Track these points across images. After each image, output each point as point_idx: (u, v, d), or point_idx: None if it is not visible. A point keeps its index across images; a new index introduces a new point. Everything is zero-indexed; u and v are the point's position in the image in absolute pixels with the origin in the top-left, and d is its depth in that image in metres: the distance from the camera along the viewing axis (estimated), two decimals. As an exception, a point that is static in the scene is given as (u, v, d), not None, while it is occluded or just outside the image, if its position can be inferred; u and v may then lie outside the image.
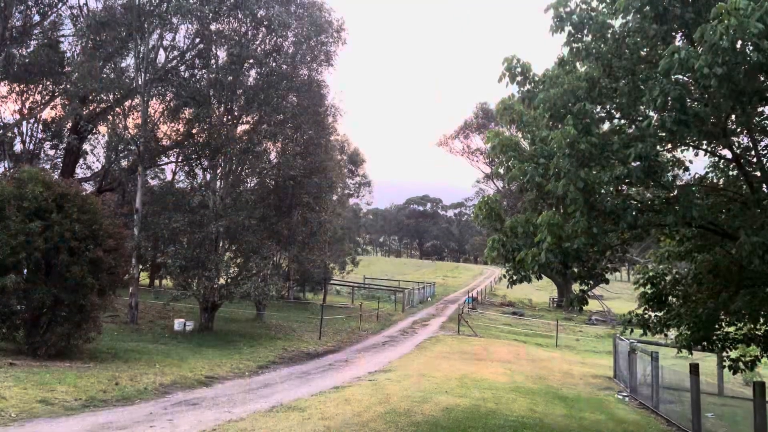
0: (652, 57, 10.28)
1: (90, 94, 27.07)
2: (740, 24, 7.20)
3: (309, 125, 30.00)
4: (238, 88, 27.61)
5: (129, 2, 26.52)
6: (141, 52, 26.36)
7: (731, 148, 10.73)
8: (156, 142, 28.15)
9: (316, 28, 28.41)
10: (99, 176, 32.60)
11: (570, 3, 10.37)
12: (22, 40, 27.95)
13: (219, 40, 27.35)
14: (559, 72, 10.91)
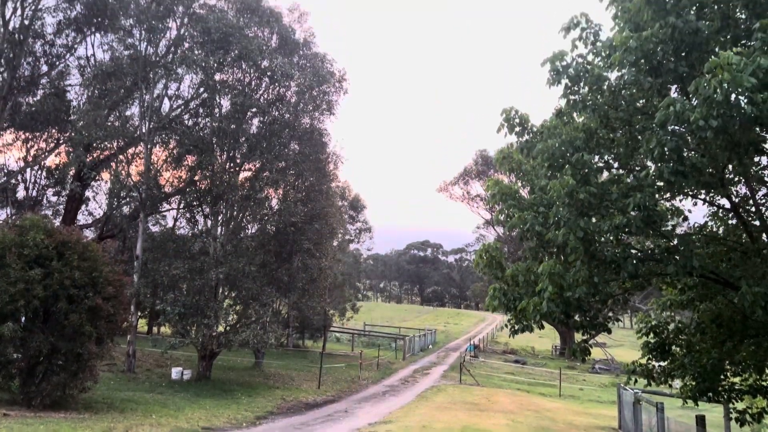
0: (648, 108, 10.46)
1: (94, 141, 27.41)
2: (734, 78, 7.36)
3: (310, 172, 30.25)
4: (241, 136, 27.94)
5: (135, 53, 27.12)
6: (146, 101, 26.81)
7: (729, 198, 10.81)
8: (158, 188, 28.32)
9: (318, 78, 28.93)
10: (100, 222, 32.68)
11: (566, 57, 10.61)
12: (29, 89, 28.44)
13: (223, 89, 27.83)
14: (556, 123, 11.09)
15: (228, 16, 27.09)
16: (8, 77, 26.18)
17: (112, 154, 28.63)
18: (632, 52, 9.33)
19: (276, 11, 29.44)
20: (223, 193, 26.63)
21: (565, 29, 11.29)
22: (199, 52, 26.57)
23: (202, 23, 26.20)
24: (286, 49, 29.12)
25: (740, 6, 9.77)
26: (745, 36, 9.29)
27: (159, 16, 26.59)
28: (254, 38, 27.29)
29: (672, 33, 9.03)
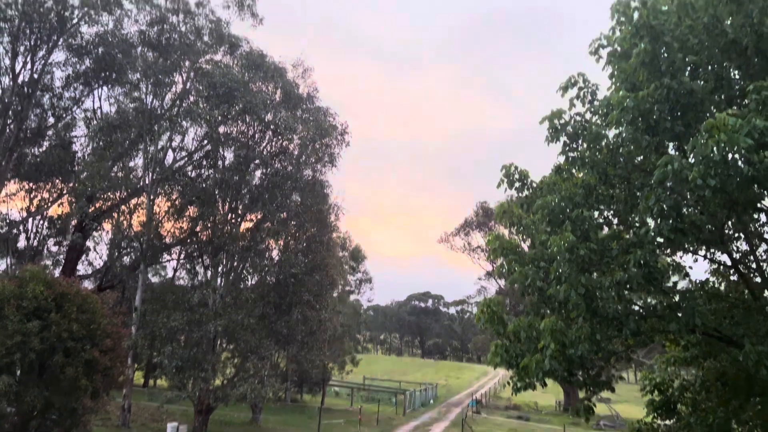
0: (646, 165, 10.58)
1: (98, 192, 27.63)
2: (730, 139, 7.48)
3: (312, 223, 30.34)
4: (244, 188, 28.18)
5: (141, 106, 27.63)
6: (150, 153, 27.17)
7: (730, 254, 10.82)
8: (159, 239, 28.38)
9: (321, 131, 29.36)
10: (100, 273, 32.60)
11: (564, 115, 10.81)
12: (35, 140, 28.86)
13: (227, 141, 28.22)
14: (555, 179, 11.20)
15: (233, 71, 27.70)
16: (15, 129, 26.60)
17: (114, 205, 28.82)
18: (629, 112, 9.51)
19: (280, 67, 30.13)
20: (224, 244, 26.66)
21: (563, 88, 11.56)
22: (204, 105, 27.07)
23: (207, 78, 26.77)
24: (290, 103, 29.67)
25: (733, 67, 10.02)
26: (740, 97, 9.49)
27: (166, 71, 27.20)
28: (258, 92, 27.84)
29: (667, 93, 9.23)
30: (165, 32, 27.43)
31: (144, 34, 27.70)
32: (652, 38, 9.70)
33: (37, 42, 26.57)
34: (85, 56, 28.11)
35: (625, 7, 10.50)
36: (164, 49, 27.26)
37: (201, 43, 28.36)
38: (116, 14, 27.71)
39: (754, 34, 8.94)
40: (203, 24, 28.30)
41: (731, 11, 9.04)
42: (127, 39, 27.91)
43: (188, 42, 27.58)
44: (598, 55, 11.53)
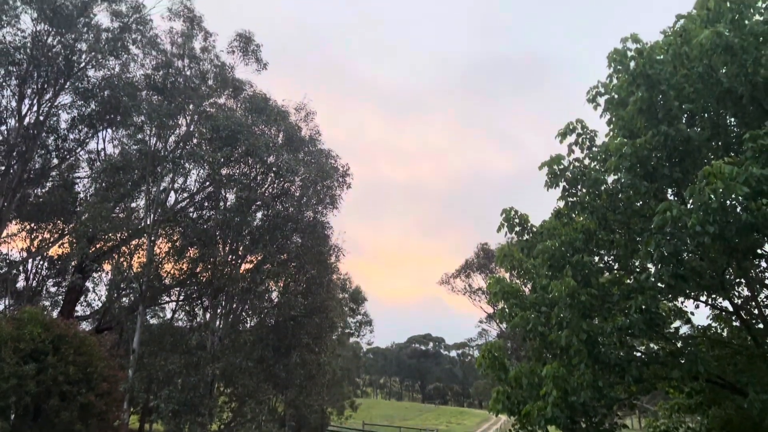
0: (645, 211, 10.65)
1: (99, 233, 27.69)
2: (727, 186, 7.55)
3: (312, 265, 30.29)
4: (245, 229, 28.23)
5: (145, 148, 27.92)
6: (152, 194, 27.31)
7: (731, 301, 10.78)
8: (159, 280, 28.29)
9: (322, 173, 29.59)
10: (99, 314, 32.36)
11: (563, 161, 10.93)
12: (38, 181, 29.05)
13: (229, 183, 28.39)
14: (556, 224, 11.26)
15: (236, 114, 28.09)
16: (19, 170, 26.81)
17: (115, 246, 28.81)
18: (627, 158, 9.63)
19: (283, 110, 30.56)
20: (224, 285, 26.56)
21: (562, 134, 11.73)
22: (207, 147, 27.34)
23: (211, 121, 27.11)
24: (292, 146, 29.97)
25: (729, 115, 10.18)
26: (736, 144, 9.61)
27: (170, 114, 27.56)
28: (261, 135, 28.16)
29: (665, 140, 9.36)
30: (170, 76, 27.91)
31: (150, 78, 28.18)
32: (649, 86, 9.89)
33: (44, 85, 27.02)
34: (91, 99, 28.53)
35: (621, 56, 10.73)
36: (169, 93, 27.69)
37: (205, 86, 28.84)
38: (123, 59, 28.24)
39: (749, 84, 9.11)
40: (208, 68, 28.84)
41: (725, 61, 9.24)
42: (132, 82, 28.37)
43: (193, 86, 28.04)
44: (596, 103, 11.73)
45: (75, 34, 26.57)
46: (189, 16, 28.39)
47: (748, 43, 8.97)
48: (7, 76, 26.44)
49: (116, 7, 27.61)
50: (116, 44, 27.37)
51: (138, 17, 28.23)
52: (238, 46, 29.61)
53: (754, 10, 9.84)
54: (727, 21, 9.26)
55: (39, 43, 26.31)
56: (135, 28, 28.12)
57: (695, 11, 10.86)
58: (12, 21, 25.90)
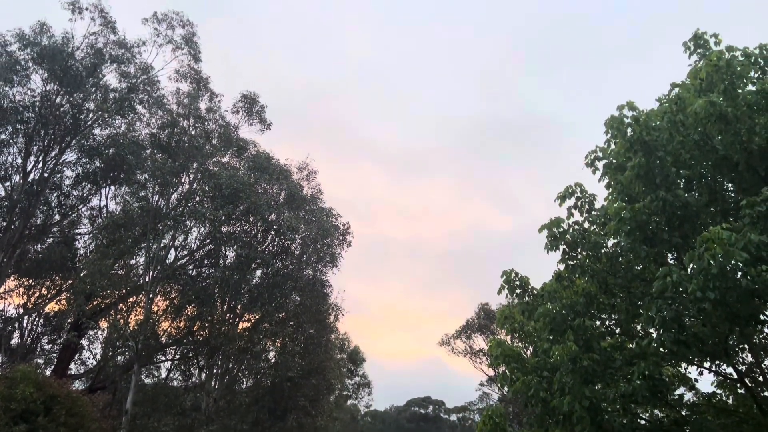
0: (645, 275, 10.63)
1: (97, 290, 27.52)
2: (726, 252, 7.57)
3: (310, 324, 30.02)
4: (243, 287, 28.10)
5: (147, 205, 28.09)
6: (152, 251, 27.29)
7: (735, 368, 10.62)
8: (155, 339, 27.93)
9: (323, 231, 29.70)
10: (92, 373, 31.78)
11: (563, 224, 11.00)
12: (39, 237, 29.08)
13: (229, 241, 28.44)
14: (556, 287, 11.22)
15: (239, 173, 28.42)
16: (21, 226, 26.88)
17: (112, 303, 28.59)
18: (626, 222, 9.69)
19: (286, 169, 30.96)
20: (221, 344, 26.22)
21: (561, 197, 11.84)
22: (209, 205, 27.53)
23: (214, 179, 27.40)
24: (294, 204, 30.20)
25: (726, 181, 10.31)
26: (734, 210, 9.70)
27: (173, 172, 27.88)
28: (263, 194, 28.41)
29: (663, 205, 9.45)
30: (175, 135, 28.38)
31: (155, 137, 28.63)
32: (646, 152, 10.05)
33: (50, 143, 27.41)
34: (96, 157, 28.89)
35: (618, 123, 10.95)
36: (173, 151, 28.08)
37: (210, 145, 29.27)
38: (129, 118, 28.77)
39: (744, 151, 9.27)
40: (213, 128, 29.35)
41: (720, 129, 9.43)
42: (137, 141, 28.80)
43: (197, 145, 28.47)
44: (594, 167, 11.90)
45: (83, 93, 27.16)
46: (196, 77, 29.12)
47: (742, 113, 9.18)
48: (15, 134, 26.87)
49: (125, 68, 28.32)
50: (123, 104, 27.94)
51: (146, 78, 28.93)
52: (243, 107, 30.24)
53: (746, 80, 10.12)
54: (720, 90, 9.50)
55: (47, 102, 26.87)
56: (142, 89, 28.78)
57: (689, 80, 11.17)
58: (22, 80, 26.53)
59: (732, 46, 10.50)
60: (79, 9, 26.85)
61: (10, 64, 25.86)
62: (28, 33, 26.19)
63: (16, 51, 26.09)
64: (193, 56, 29.35)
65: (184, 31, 29.05)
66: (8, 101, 26.16)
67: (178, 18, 29.01)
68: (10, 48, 26.00)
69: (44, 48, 26.20)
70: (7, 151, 27.06)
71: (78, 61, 26.98)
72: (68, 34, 26.93)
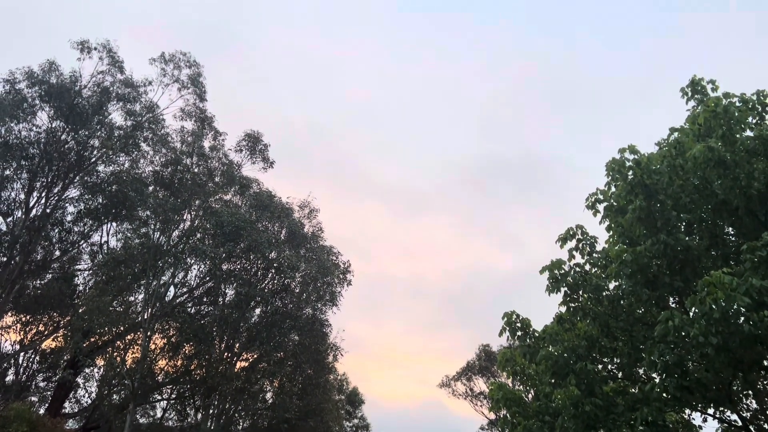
0: (647, 318, 10.58)
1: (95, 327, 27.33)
2: (728, 297, 7.55)
3: (309, 364, 29.69)
4: (242, 325, 27.89)
5: (148, 242, 28.10)
6: (152, 288, 27.19)
7: (739, 414, 10.47)
8: (152, 377, 27.60)
9: (323, 270, 29.62)
10: (87, 412, 31.31)
11: (564, 266, 10.99)
12: (38, 273, 29.00)
13: (229, 278, 28.36)
14: (558, 329, 11.15)
15: (241, 211, 28.52)
16: (21, 261, 26.85)
17: (109, 340, 28.36)
18: (628, 265, 9.69)
19: (287, 207, 31.09)
20: (218, 384, 25.88)
21: (562, 239, 11.86)
22: (209, 242, 27.54)
23: (216, 217, 27.48)
24: (294, 242, 30.22)
25: (727, 225, 10.34)
26: (734, 254, 9.70)
27: (176, 209, 27.98)
28: (264, 231, 28.46)
29: (664, 249, 9.46)
30: (178, 173, 28.58)
31: (158, 174, 28.84)
32: (647, 196, 10.11)
33: (54, 179, 27.61)
34: (99, 193, 29.05)
35: (620, 166, 11.03)
36: (176, 189, 28.24)
37: (212, 183, 29.45)
38: (133, 155, 29.03)
39: (743, 196, 9.33)
40: (216, 166, 29.58)
41: (719, 174, 9.51)
42: (141, 178, 29.00)
43: (200, 182, 28.65)
44: (595, 209, 11.95)
45: (89, 131, 27.50)
46: (201, 116, 29.50)
47: (740, 158, 9.27)
48: (19, 170, 27.08)
49: (131, 106, 28.73)
50: (128, 141, 28.24)
51: (151, 116, 29.32)
52: (246, 145, 30.53)
53: (744, 126, 10.25)
54: (718, 136, 9.62)
55: (52, 138, 27.17)
56: (147, 127, 29.13)
57: (687, 125, 11.32)
58: (29, 117, 26.89)
59: (729, 92, 10.67)
60: (88, 49, 27.41)
61: (18, 101, 26.26)
62: (37, 71, 26.66)
63: (24, 89, 26.53)
64: (199, 95, 29.81)
65: (191, 71, 29.58)
66: (14, 137, 26.47)
67: (185, 58, 29.58)
68: (18, 86, 26.43)
69: (52, 86, 26.64)
70: (10, 187, 27.23)
71: (84, 99, 27.39)
72: (76, 73, 27.43)
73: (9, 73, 26.46)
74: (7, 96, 26.18)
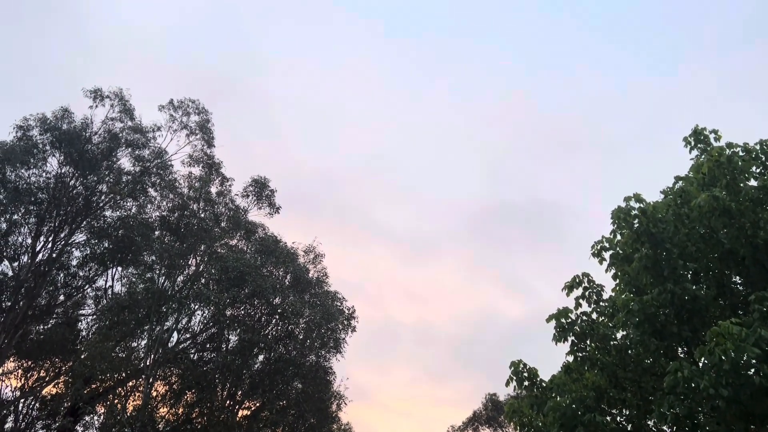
0: (656, 369, 10.43)
1: (97, 374, 27.07)
2: (738, 348, 7.46)
3: (312, 413, 29.17)
4: (245, 372, 27.56)
5: (152, 287, 28.07)
6: (155, 334, 27.02)
7: (754, 469, 10.19)
8: (153, 425, 27.14)
9: (327, 316, 29.42)
10: (85, 461, 30.71)
11: (571, 314, 10.91)
12: (42, 318, 28.93)
13: (233, 324, 28.18)
14: (565, 379, 11.00)
15: (246, 256, 28.55)
16: (25, 306, 26.82)
17: (111, 387, 28.03)
18: (635, 314, 9.61)
19: (292, 252, 31.10)
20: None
21: (569, 287, 11.80)
22: (214, 287, 27.48)
23: (221, 262, 27.49)
24: (299, 287, 30.10)
25: (734, 274, 10.29)
26: (743, 305, 9.63)
27: (181, 254, 28.06)
28: (269, 276, 28.39)
29: (671, 298, 9.40)
30: (185, 218, 28.78)
31: (164, 219, 29.04)
32: (653, 244, 10.10)
33: (61, 224, 27.82)
34: (105, 238, 29.21)
35: (625, 214, 11.06)
36: (182, 234, 28.39)
37: (218, 228, 29.60)
38: (141, 200, 29.31)
39: (750, 246, 9.32)
40: (222, 211, 29.78)
41: (725, 223, 9.52)
42: (147, 223, 29.20)
43: (206, 227, 28.80)
44: (601, 257, 11.92)
45: (97, 176, 27.84)
46: (208, 162, 29.87)
47: (745, 207, 9.30)
48: (27, 215, 27.32)
49: (139, 152, 29.17)
50: (136, 187, 28.56)
51: (159, 162, 29.72)
52: (253, 191, 30.80)
53: (748, 175, 10.32)
54: (723, 185, 9.68)
55: (61, 184, 27.50)
56: (155, 172, 29.50)
57: (691, 174, 11.39)
58: (39, 163, 27.28)
59: (732, 142, 10.78)
60: (101, 96, 28.04)
61: (29, 147, 26.71)
62: (50, 118, 27.21)
63: (36, 135, 27.01)
64: (207, 141, 30.26)
65: (199, 117, 30.12)
66: (23, 182, 26.81)
67: (194, 105, 30.15)
68: (31, 132, 26.92)
69: (63, 132, 27.13)
70: (18, 231, 27.43)
71: (94, 145, 27.85)
72: (87, 120, 27.98)
73: (23, 119, 27.03)
74: (19, 142, 26.64)
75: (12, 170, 26.37)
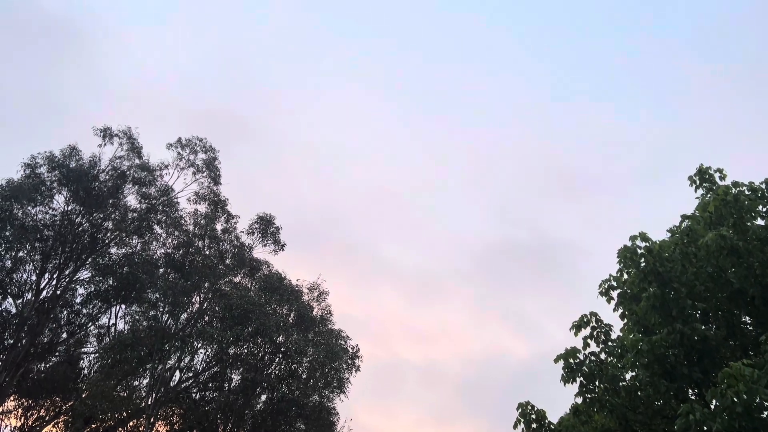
0: (667, 411, 10.24)
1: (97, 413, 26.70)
2: (750, 390, 7.33)
3: (315, 455, 28.63)
4: (247, 412, 27.16)
5: (155, 324, 27.89)
6: (157, 373, 26.72)
7: None
8: (153, 468, 26.64)
9: (331, 355, 29.09)
10: (83, 503, 30.03)
11: (579, 354, 10.77)
12: (44, 356, 28.67)
13: (235, 363, 27.88)
14: (574, 422, 10.81)
15: (250, 293, 28.41)
16: (27, 344, 26.62)
17: (111, 427, 27.59)
18: (644, 355, 9.48)
19: (297, 289, 30.95)
20: (221, 475, 24.93)
21: (576, 327, 11.68)
22: (217, 325, 27.28)
23: (225, 300, 27.37)
24: (303, 325, 29.85)
25: (743, 314, 10.17)
26: (753, 345, 9.49)
27: (185, 291, 27.95)
28: (273, 314, 28.19)
29: (681, 338, 9.27)
30: (190, 255, 28.76)
31: (169, 256, 29.02)
32: (661, 284, 10.02)
33: (66, 261, 27.80)
34: (110, 275, 29.14)
35: (631, 253, 11.00)
36: (187, 271, 28.32)
37: (223, 265, 29.55)
38: (146, 237, 29.35)
39: (759, 285, 9.23)
40: (227, 248, 29.79)
41: (733, 263, 9.45)
42: (152, 260, 29.17)
43: (211, 265, 28.75)
44: (609, 296, 11.82)
45: (103, 213, 27.94)
46: (214, 200, 30.00)
47: (753, 246, 9.24)
48: (32, 252, 27.34)
49: (146, 189, 29.33)
50: (141, 224, 28.63)
51: (165, 199, 29.85)
52: (258, 228, 30.84)
53: (755, 214, 10.28)
54: (729, 224, 9.64)
55: (67, 221, 27.59)
56: (161, 210, 29.60)
57: (698, 212, 11.37)
58: (45, 200, 27.43)
59: (738, 181, 10.79)
60: (110, 135, 28.37)
61: (36, 184, 26.88)
62: (58, 156, 27.45)
63: (44, 173, 27.21)
64: (213, 179, 30.44)
65: (206, 155, 30.37)
66: (30, 220, 26.90)
67: (201, 144, 30.43)
68: (39, 170, 27.14)
69: (71, 170, 27.34)
70: (22, 269, 27.40)
71: (101, 183, 28.01)
72: (95, 157, 28.22)
73: (31, 157, 27.27)
74: (27, 180, 26.84)
75: (19, 207, 26.51)
